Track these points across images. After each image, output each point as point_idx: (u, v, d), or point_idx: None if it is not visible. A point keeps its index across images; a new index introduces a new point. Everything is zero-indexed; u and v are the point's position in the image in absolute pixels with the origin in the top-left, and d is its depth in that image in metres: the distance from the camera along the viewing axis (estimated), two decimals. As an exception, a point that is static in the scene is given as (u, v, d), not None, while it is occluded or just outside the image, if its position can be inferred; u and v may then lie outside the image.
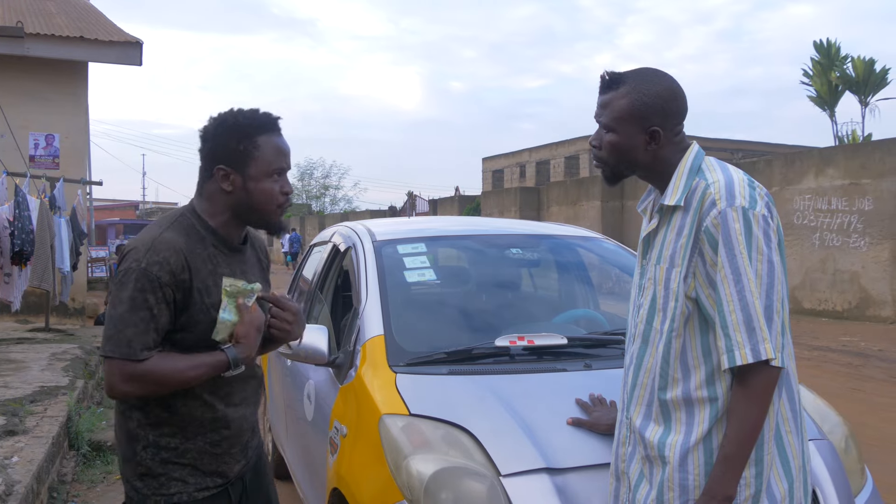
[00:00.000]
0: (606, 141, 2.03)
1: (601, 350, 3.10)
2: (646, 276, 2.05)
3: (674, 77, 2.03)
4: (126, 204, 60.10)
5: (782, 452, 1.90)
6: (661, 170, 2.01)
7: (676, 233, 1.94)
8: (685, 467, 1.89)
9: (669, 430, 1.93)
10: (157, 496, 2.04)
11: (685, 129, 2.07)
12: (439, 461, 2.42)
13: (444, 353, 2.93)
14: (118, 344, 1.91)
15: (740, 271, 1.80)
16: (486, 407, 2.63)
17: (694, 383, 1.90)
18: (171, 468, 2.05)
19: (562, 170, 42.15)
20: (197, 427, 2.07)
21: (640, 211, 2.19)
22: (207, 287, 2.04)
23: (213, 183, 2.10)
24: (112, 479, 5.33)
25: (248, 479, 2.28)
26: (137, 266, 1.95)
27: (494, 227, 4.47)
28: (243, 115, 2.09)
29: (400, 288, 3.37)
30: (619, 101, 1.99)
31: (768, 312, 1.79)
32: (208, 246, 2.08)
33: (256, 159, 2.05)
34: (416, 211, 30.42)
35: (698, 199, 1.90)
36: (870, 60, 22.19)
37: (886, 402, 7.88)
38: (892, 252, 14.34)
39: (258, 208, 2.09)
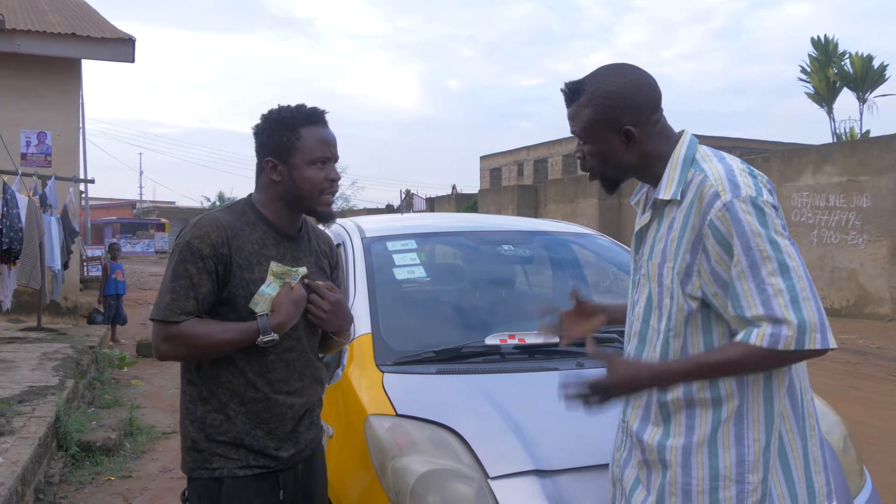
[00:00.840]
0: (587, 152, 1.95)
1: (594, 348, 3.02)
2: (639, 272, 1.97)
3: (637, 67, 1.93)
4: (123, 203, 60.13)
5: (783, 454, 1.81)
6: (651, 165, 1.91)
7: (668, 226, 1.85)
8: (688, 471, 1.79)
9: (668, 432, 1.83)
10: (202, 469, 2.15)
11: (675, 124, 1.98)
12: (426, 463, 2.35)
13: (433, 352, 2.86)
14: (159, 308, 2.08)
15: (760, 261, 1.70)
16: (474, 407, 2.56)
17: (696, 384, 1.80)
18: (215, 445, 2.14)
19: (559, 168, 42.11)
20: (238, 404, 2.14)
21: (633, 204, 2.10)
22: (250, 264, 2.15)
23: (263, 175, 2.24)
24: (101, 481, 5.26)
25: (300, 472, 2.28)
26: (182, 240, 2.12)
27: (486, 224, 4.40)
28: (287, 109, 2.22)
29: (388, 285, 3.30)
30: (582, 110, 1.91)
31: (813, 291, 1.70)
32: (257, 230, 2.21)
33: (299, 149, 2.18)
34: (413, 209, 30.33)
35: (695, 191, 1.80)
36: (868, 57, 22.12)
37: (885, 400, 7.84)
38: (891, 249, 14.29)
39: (304, 195, 2.21)
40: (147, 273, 28.43)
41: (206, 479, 2.15)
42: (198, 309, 2.08)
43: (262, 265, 2.17)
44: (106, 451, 5.73)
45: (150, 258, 43.53)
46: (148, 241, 50.73)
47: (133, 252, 45.06)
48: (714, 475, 1.77)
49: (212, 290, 2.10)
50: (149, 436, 6.38)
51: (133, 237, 49.47)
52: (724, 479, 1.77)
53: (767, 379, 1.80)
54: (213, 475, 2.14)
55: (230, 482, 2.13)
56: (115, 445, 5.84)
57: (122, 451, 5.88)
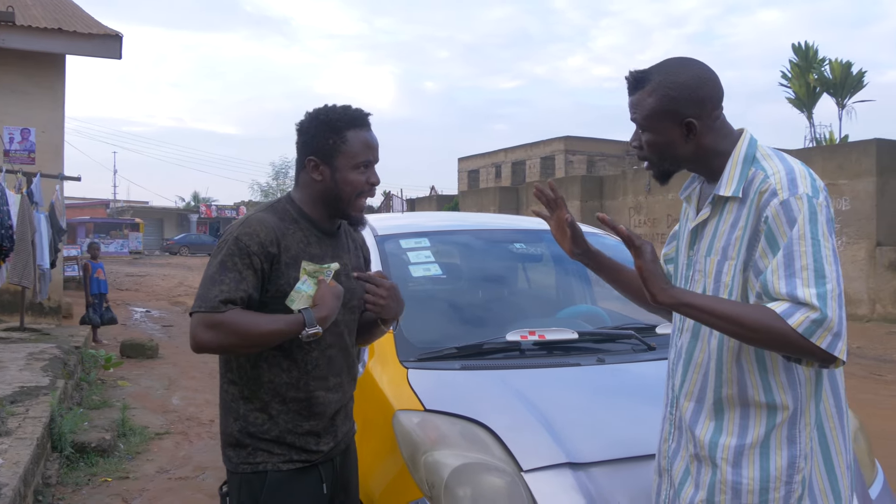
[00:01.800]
0: (645, 141, 1.95)
1: (611, 345, 3.06)
2: (694, 267, 1.97)
3: (702, 62, 1.95)
4: (97, 202, 59.43)
5: (825, 450, 1.85)
6: (709, 159, 1.93)
7: (731, 224, 1.85)
8: (739, 470, 1.81)
9: (721, 429, 1.85)
10: (245, 464, 2.16)
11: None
12: (459, 457, 2.36)
13: (455, 349, 2.87)
14: (203, 300, 2.05)
15: (794, 258, 1.71)
16: (502, 402, 2.58)
17: (750, 385, 1.82)
18: (258, 441, 2.16)
19: (537, 170, 42.29)
20: (280, 403, 2.16)
21: (682, 198, 2.12)
22: (297, 262, 2.16)
23: (305, 173, 2.25)
24: (97, 482, 5.21)
25: (338, 464, 2.31)
26: (230, 236, 2.13)
27: (495, 223, 4.43)
28: (334, 111, 2.23)
29: (405, 282, 3.31)
30: (646, 99, 1.91)
31: (840, 301, 1.70)
32: (301, 228, 2.22)
33: (344, 153, 2.19)
34: (392, 210, 30.29)
35: (756, 189, 1.81)
36: (847, 63, 22.42)
37: (868, 398, 7.97)
38: (869, 251, 14.51)
39: (342, 197, 2.22)
40: (123, 273, 28.13)
41: (248, 472, 2.16)
42: (243, 302, 2.08)
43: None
44: (101, 452, 5.67)
45: (124, 258, 43.09)
46: (122, 241, 50.15)
47: (107, 252, 44.47)
48: (765, 477, 1.80)
49: (256, 287, 2.10)
50: (142, 437, 6.32)
51: (107, 237, 48.89)
52: (775, 481, 1.79)
53: (819, 383, 1.83)
54: (256, 469, 2.15)
55: (274, 475, 2.15)
56: (110, 446, 5.78)
57: (116, 451, 5.83)
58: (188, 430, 6.69)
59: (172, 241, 54.90)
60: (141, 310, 17.27)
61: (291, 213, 2.24)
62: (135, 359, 10.19)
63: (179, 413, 7.37)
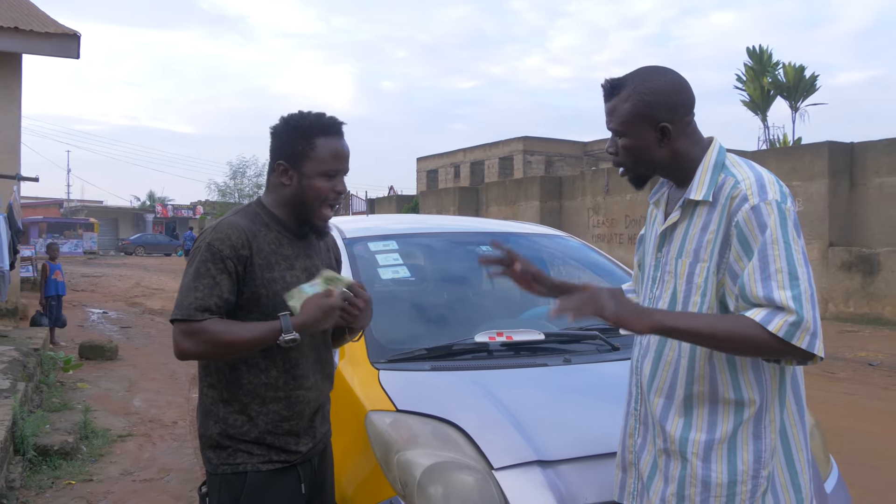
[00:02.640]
0: (621, 146, 2.03)
1: (576, 345, 3.14)
2: (663, 269, 2.04)
3: (674, 70, 2.04)
4: (50, 202, 58.34)
5: (786, 445, 1.93)
6: (681, 164, 2.00)
7: (702, 227, 1.94)
8: (708, 465, 1.89)
9: (690, 425, 1.93)
10: (226, 465, 2.20)
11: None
12: (431, 456, 2.42)
13: (425, 350, 2.93)
14: (181, 307, 2.10)
15: (772, 261, 1.79)
16: (472, 402, 2.64)
17: (720, 382, 1.90)
18: (237, 442, 2.20)
19: (496, 170, 42.43)
20: (259, 405, 2.21)
21: (651, 202, 2.19)
22: (269, 264, 2.21)
23: (275, 176, 2.29)
24: (61, 485, 5.18)
25: (316, 465, 2.36)
26: (203, 242, 2.17)
27: (463, 226, 4.49)
28: (307, 117, 2.26)
29: (374, 285, 3.36)
30: (622, 104, 1.99)
31: (813, 302, 1.77)
32: (272, 230, 2.27)
33: (312, 159, 2.23)
34: (352, 210, 30.20)
35: (726, 195, 1.90)
36: (800, 67, 22.90)
37: (821, 395, 8.16)
38: (821, 252, 14.86)
39: (307, 203, 2.26)
40: (78, 274, 27.64)
41: (228, 473, 2.20)
42: (220, 308, 2.12)
43: (280, 264, 2.23)
44: (63, 454, 5.62)
45: (78, 258, 42.33)
46: (76, 241, 49.30)
47: (61, 252, 43.80)
48: (733, 471, 1.88)
49: (232, 290, 2.15)
50: (105, 439, 6.28)
51: (60, 237, 47.99)
52: (742, 475, 1.88)
53: (782, 381, 1.93)
54: (236, 470, 2.19)
55: (253, 476, 2.19)
56: (73, 449, 5.73)
57: (79, 454, 5.78)
58: (151, 432, 6.65)
59: (128, 241, 54.08)
60: (98, 311, 17.03)
61: (262, 216, 2.28)
62: (94, 360, 10.08)
63: (142, 415, 7.32)
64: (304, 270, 2.29)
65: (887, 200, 14.47)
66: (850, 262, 14.47)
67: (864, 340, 12.41)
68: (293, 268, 2.27)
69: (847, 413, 7.42)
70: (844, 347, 11.76)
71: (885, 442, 6.40)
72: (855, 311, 14.38)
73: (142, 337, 13.00)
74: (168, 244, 52.27)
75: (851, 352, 11.39)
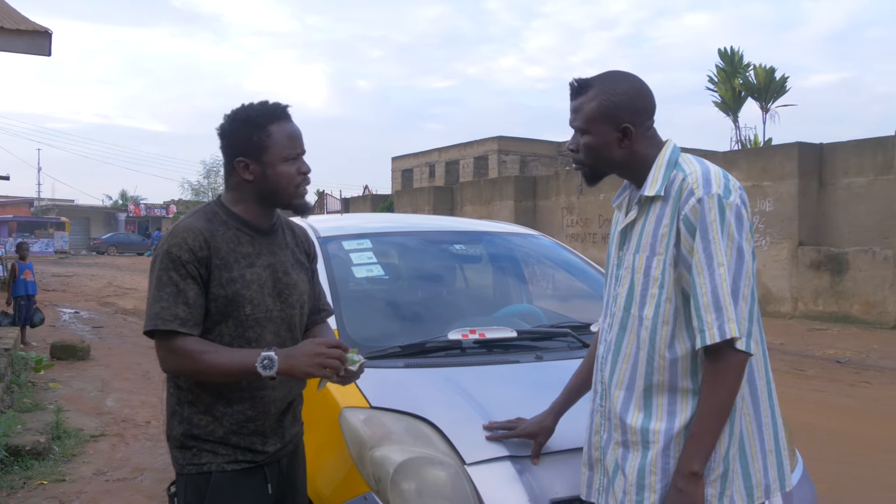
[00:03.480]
0: (583, 143, 2.10)
1: (548, 343, 3.18)
2: (623, 265, 2.10)
3: (638, 76, 2.12)
4: (20, 201, 57.66)
5: (739, 435, 1.99)
6: (638, 165, 2.08)
7: (656, 222, 2.01)
8: (668, 452, 1.96)
9: (650, 415, 1.99)
10: (191, 465, 2.19)
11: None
12: (404, 452, 2.44)
13: (399, 347, 2.96)
14: (149, 318, 2.08)
15: (713, 256, 1.89)
16: (445, 398, 2.67)
17: (680, 373, 1.97)
18: (202, 442, 2.19)
19: (471, 170, 42.50)
20: (224, 405, 2.19)
21: (615, 205, 2.26)
22: (228, 263, 2.17)
23: (235, 175, 2.25)
24: (33, 485, 5.15)
25: (284, 465, 2.34)
26: (161, 251, 2.15)
27: (435, 224, 4.52)
28: (253, 108, 2.24)
29: (349, 283, 3.39)
30: (589, 103, 2.07)
31: (735, 296, 1.88)
32: (230, 229, 2.23)
33: (271, 147, 2.20)
34: (327, 209, 30.12)
35: (677, 188, 1.98)
36: (770, 69, 23.14)
37: (791, 392, 8.29)
38: (791, 251, 15.05)
39: (279, 192, 2.24)
40: (49, 273, 27.38)
41: (194, 473, 2.20)
42: (189, 314, 2.10)
43: (238, 262, 2.20)
44: (35, 455, 5.60)
45: (49, 258, 41.95)
46: (47, 241, 48.77)
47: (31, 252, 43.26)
48: None
49: (200, 294, 2.13)
50: (77, 439, 6.25)
51: (31, 236, 47.46)
52: None
53: None
54: (201, 470, 2.19)
55: (218, 476, 2.19)
56: (45, 449, 5.71)
57: (51, 454, 5.75)
58: (124, 432, 6.63)
59: (100, 240, 53.66)
60: (69, 311, 16.88)
61: (220, 214, 2.25)
62: (66, 361, 10.00)
63: (114, 415, 7.29)
64: (268, 268, 2.26)
65: (855, 200, 14.69)
66: (819, 262, 14.67)
67: (833, 338, 12.59)
68: (253, 266, 2.23)
69: (816, 410, 7.54)
70: (813, 345, 11.93)
71: (852, 438, 6.52)
72: (824, 310, 14.58)
73: (114, 337, 12.91)
74: (141, 243, 51.88)
75: (820, 349, 11.56)
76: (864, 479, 5.40)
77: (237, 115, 2.23)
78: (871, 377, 9.45)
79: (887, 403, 7.98)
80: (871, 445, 6.28)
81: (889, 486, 5.27)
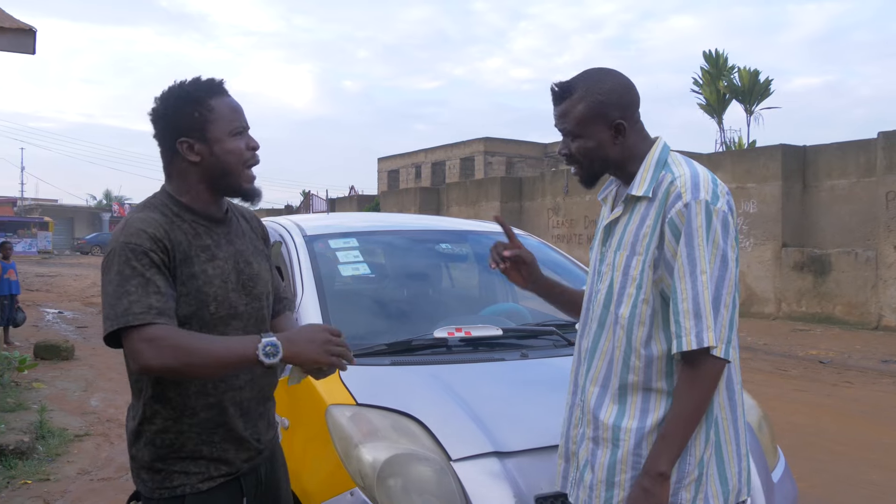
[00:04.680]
0: (576, 148, 2.06)
1: (533, 341, 3.21)
2: (605, 262, 2.09)
3: (619, 71, 2.08)
4: (3, 200, 57.33)
5: (717, 439, 1.97)
6: (631, 161, 2.06)
7: (639, 222, 1.99)
8: (639, 451, 1.94)
9: (624, 413, 1.97)
10: (162, 489, 2.00)
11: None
12: (390, 448, 2.46)
13: (385, 345, 2.97)
14: (117, 316, 1.81)
15: (696, 262, 1.86)
16: (431, 395, 2.69)
17: (655, 373, 1.95)
18: (172, 462, 2.01)
19: (457, 171, 42.57)
20: (190, 416, 2.00)
21: (600, 199, 2.24)
22: (188, 258, 1.98)
23: (179, 159, 2.05)
24: (17, 484, 5.13)
25: (263, 474, 2.20)
26: (116, 244, 1.91)
27: (421, 224, 4.54)
28: (188, 84, 2.05)
29: (335, 281, 3.40)
30: (576, 107, 2.03)
31: (716, 304, 1.85)
32: (185, 221, 2.04)
33: (214, 121, 2.02)
34: (313, 209, 30.10)
35: (664, 190, 1.95)
36: (755, 71, 23.30)
37: (774, 392, 8.36)
38: (775, 252, 15.16)
39: (229, 170, 2.05)
40: (32, 273, 27.23)
41: (166, 498, 2.00)
42: (164, 305, 1.86)
43: (199, 256, 2.01)
44: (19, 454, 5.57)
45: (32, 258, 41.73)
46: (30, 241, 48.54)
47: (14, 252, 42.98)
48: None
49: (169, 284, 1.91)
50: (61, 438, 6.22)
51: (14, 236, 47.14)
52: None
53: None
54: (174, 493, 1.99)
55: (192, 499, 2.00)
56: (29, 448, 5.69)
57: (35, 454, 5.73)
58: (109, 432, 6.61)
59: (84, 240, 53.39)
60: (53, 310, 16.79)
61: (170, 206, 2.04)
62: (49, 360, 9.95)
63: (99, 415, 7.26)
64: (230, 259, 2.08)
65: (838, 202, 14.82)
66: (803, 263, 14.78)
67: (816, 339, 12.69)
68: (214, 259, 2.04)
69: (798, 409, 7.60)
70: (797, 346, 12.03)
71: (833, 437, 6.59)
72: (807, 311, 14.69)
73: (98, 337, 12.71)
74: (125, 243, 51.48)
75: (803, 350, 11.65)
76: (843, 476, 5.46)
77: (171, 93, 2.04)
78: (853, 377, 9.54)
79: (868, 403, 8.06)
80: (851, 444, 6.35)
81: (868, 483, 5.32)
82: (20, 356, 9.23)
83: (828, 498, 4.99)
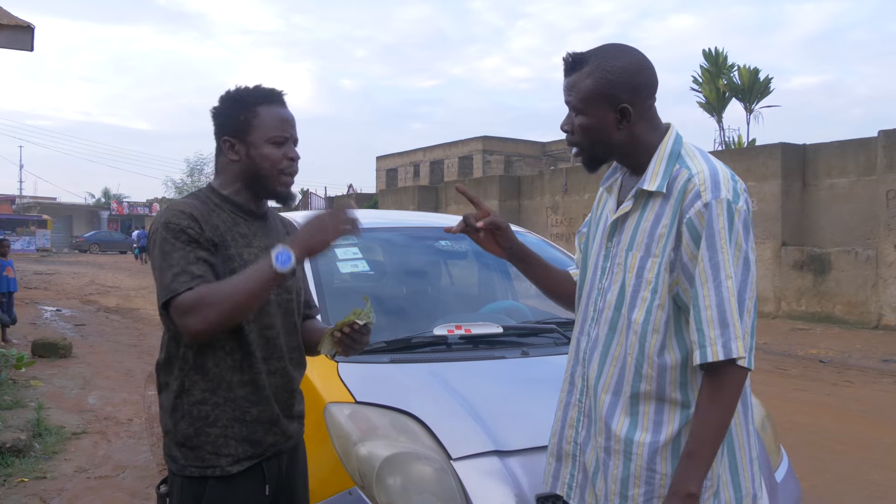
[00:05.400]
0: (577, 124, 1.93)
1: (534, 338, 3.18)
2: (613, 260, 1.96)
3: (639, 50, 1.93)
4: (1, 198, 57.28)
5: (730, 445, 1.89)
6: (637, 149, 1.92)
7: (654, 220, 1.86)
8: (653, 466, 1.84)
9: (636, 424, 1.86)
10: (192, 467, 2.09)
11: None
12: (389, 447, 2.44)
13: (384, 343, 2.94)
14: (165, 288, 1.96)
15: (720, 267, 1.75)
16: (431, 393, 2.67)
17: (669, 383, 1.84)
18: (204, 439, 2.09)
19: (456, 169, 42.55)
20: (226, 390, 2.10)
21: (603, 188, 2.11)
22: (225, 241, 2.10)
23: (222, 155, 2.21)
24: (13, 482, 5.09)
25: (284, 464, 2.24)
26: (158, 225, 2.06)
27: (421, 221, 4.51)
28: (245, 88, 2.21)
29: (334, 278, 3.38)
30: (583, 81, 1.90)
31: (741, 310, 1.74)
32: (224, 210, 2.17)
33: (256, 127, 2.15)
34: (312, 208, 30.06)
35: (680, 188, 1.82)
36: (755, 70, 23.23)
37: (774, 391, 8.33)
38: (774, 251, 15.14)
39: (263, 174, 2.17)
40: (31, 272, 27.13)
41: (195, 476, 2.09)
42: (206, 272, 1.99)
43: (237, 241, 2.13)
44: (16, 452, 5.53)
45: (31, 256, 41.64)
46: (29, 239, 48.47)
47: (13, 250, 42.88)
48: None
49: (211, 253, 2.04)
50: (58, 436, 6.18)
51: (12, 234, 47.08)
52: None
53: None
54: (204, 473, 2.08)
55: (214, 482, 2.09)
56: (25, 446, 5.64)
57: (32, 452, 5.69)
58: (106, 430, 6.57)
59: (82, 238, 53.35)
60: (51, 309, 16.74)
61: (213, 198, 2.18)
62: (47, 358, 9.90)
63: (96, 412, 7.22)
64: (265, 249, 2.14)
65: (838, 201, 14.79)
66: (802, 262, 14.76)
67: (816, 338, 12.67)
68: (251, 245, 2.16)
69: (799, 408, 7.58)
70: (796, 345, 12.01)
71: (833, 436, 6.56)
72: (807, 310, 14.67)
73: (96, 335, 12.81)
74: (123, 242, 51.58)
75: (803, 349, 11.63)
76: (845, 476, 5.44)
77: (229, 94, 2.21)
78: (853, 377, 9.51)
79: (868, 402, 8.03)
80: (852, 443, 6.33)
81: (870, 483, 5.31)
82: (18, 353, 9.20)
83: (829, 497, 4.97)
